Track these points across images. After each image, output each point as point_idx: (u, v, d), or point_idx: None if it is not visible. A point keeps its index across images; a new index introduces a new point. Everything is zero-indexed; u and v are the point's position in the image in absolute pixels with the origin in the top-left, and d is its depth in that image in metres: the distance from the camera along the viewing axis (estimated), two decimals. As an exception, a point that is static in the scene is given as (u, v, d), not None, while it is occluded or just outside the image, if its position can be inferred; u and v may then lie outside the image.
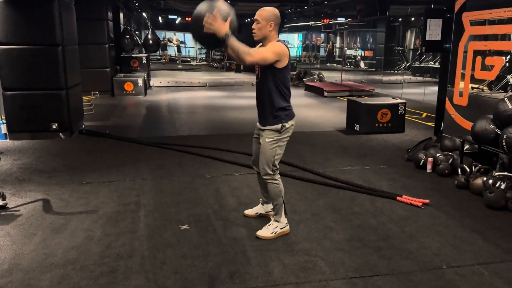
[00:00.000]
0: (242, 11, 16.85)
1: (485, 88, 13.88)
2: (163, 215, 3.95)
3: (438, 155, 5.31)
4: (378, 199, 4.36)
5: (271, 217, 3.61)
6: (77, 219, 3.83)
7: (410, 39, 22.19)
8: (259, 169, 3.51)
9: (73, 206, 4.14)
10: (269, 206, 3.78)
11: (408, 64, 20.45)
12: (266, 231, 3.51)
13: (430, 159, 5.27)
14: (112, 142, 6.76)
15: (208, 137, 7.11)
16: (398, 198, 4.34)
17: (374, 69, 22.03)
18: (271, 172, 3.40)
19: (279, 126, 3.31)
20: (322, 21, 18.86)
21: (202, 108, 10.59)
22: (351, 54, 24.88)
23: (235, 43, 2.96)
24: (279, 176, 3.47)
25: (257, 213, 3.90)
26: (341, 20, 19.27)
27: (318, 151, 6.23)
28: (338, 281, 2.90)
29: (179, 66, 23.88)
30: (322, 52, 28.29)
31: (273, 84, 3.27)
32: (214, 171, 5.26)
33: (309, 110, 9.99)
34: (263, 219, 3.78)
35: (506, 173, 4.45)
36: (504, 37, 5.28)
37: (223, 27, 2.88)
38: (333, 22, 20.37)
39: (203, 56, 29.26)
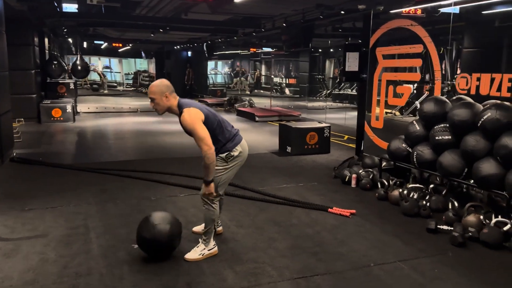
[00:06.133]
0: (173, 39, 17.24)
1: (397, 113, 15.45)
2: (114, 236, 4.11)
3: (360, 171, 5.99)
4: (312, 212, 4.88)
5: (200, 239, 3.71)
6: (27, 244, 3.86)
7: (330, 68, 23.95)
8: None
9: (20, 231, 4.14)
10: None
11: (329, 91, 21.99)
12: (194, 254, 3.63)
13: (354, 176, 5.93)
14: (47, 169, 6.67)
15: (148, 162, 7.27)
16: (329, 210, 4.88)
17: (298, 95, 23.39)
18: (211, 198, 3.60)
19: (224, 155, 3.59)
20: (250, 50, 19.84)
21: (137, 133, 10.64)
22: (277, 82, 26.19)
23: (210, 173, 3.43)
24: (216, 205, 3.68)
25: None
26: (268, 49, 20.39)
27: (255, 171, 6.67)
28: (285, 282, 3.30)
29: (105, 92, 23.49)
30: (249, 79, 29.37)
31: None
32: (159, 193, 5.47)
33: (242, 134, 10.45)
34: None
35: (418, 185, 5.20)
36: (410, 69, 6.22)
37: (211, 187, 3.48)
38: (260, 51, 21.43)
39: (130, 81, 28.96)
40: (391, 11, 7.04)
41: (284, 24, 10.75)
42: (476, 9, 8.11)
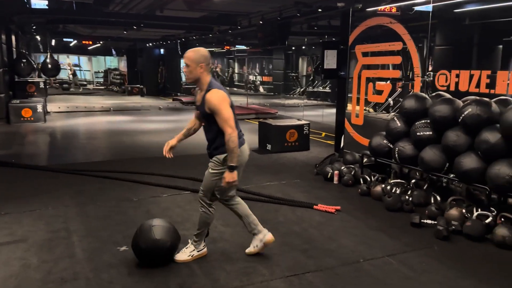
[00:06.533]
0: (146, 36, 16.94)
1: (371, 110, 15.71)
2: (97, 239, 3.98)
3: (342, 168, 6.05)
4: (298, 209, 4.88)
5: (189, 240, 3.65)
6: (7, 249, 3.69)
7: (303, 66, 24.13)
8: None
9: (-3, 237, 3.96)
10: (259, 236, 3.70)
11: (303, 89, 22.15)
12: (184, 255, 3.57)
13: (336, 172, 5.97)
14: (20, 171, 6.42)
15: (125, 162, 7.11)
16: (314, 206, 4.90)
17: (273, 93, 23.46)
18: (208, 201, 3.53)
19: (222, 156, 3.35)
20: (224, 47, 19.70)
21: (112, 133, 10.38)
22: (251, 80, 26.18)
23: (234, 157, 3.25)
24: (213, 209, 3.59)
25: (256, 245, 3.71)
26: (243, 47, 20.30)
27: (236, 170, 6.62)
28: (277, 280, 3.28)
29: (80, 90, 22.97)
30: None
31: (217, 124, 3.30)
32: (140, 194, 5.34)
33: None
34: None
35: (400, 180, 5.29)
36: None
37: (235, 174, 3.30)
38: (235, 49, 21.34)
39: (101, 79, 28.34)
40: (369, 9, 7.13)
41: (260, 22, 10.71)
42: (448, 7, 8.32)
